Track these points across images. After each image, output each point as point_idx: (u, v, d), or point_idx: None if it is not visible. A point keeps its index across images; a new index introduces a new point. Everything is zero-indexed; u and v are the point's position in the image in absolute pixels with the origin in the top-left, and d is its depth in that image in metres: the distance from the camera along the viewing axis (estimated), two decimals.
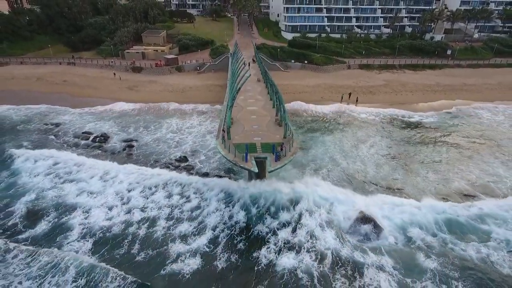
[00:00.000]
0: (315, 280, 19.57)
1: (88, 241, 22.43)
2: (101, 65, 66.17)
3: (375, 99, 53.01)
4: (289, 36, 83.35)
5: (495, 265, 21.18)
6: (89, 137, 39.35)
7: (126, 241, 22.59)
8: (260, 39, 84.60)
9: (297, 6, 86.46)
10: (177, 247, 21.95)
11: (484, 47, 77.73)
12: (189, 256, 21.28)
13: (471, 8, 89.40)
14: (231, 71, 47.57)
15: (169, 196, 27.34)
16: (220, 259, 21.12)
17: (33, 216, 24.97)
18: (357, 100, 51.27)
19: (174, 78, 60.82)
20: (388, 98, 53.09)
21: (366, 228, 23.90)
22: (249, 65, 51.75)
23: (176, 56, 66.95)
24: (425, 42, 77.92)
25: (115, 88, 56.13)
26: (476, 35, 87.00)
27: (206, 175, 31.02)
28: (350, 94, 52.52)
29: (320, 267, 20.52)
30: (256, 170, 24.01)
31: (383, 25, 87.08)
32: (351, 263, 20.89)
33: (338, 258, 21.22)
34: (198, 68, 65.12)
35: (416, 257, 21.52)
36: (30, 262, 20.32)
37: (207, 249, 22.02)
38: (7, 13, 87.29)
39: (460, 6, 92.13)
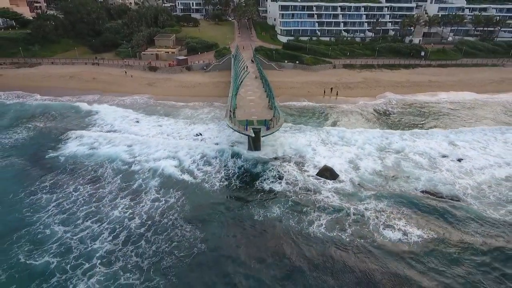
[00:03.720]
0: (293, 195, 32.83)
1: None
2: (121, 65, 79.31)
3: (352, 93, 66.24)
4: (284, 39, 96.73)
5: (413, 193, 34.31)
6: (125, 120, 51.93)
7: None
8: (258, 41, 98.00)
9: (291, 12, 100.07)
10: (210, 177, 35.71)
11: (454, 49, 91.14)
12: (217, 180, 35.10)
13: (447, 14, 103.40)
14: (234, 70, 60.95)
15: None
16: (234, 183, 34.85)
17: None
18: (337, 94, 64.56)
19: (185, 76, 74.11)
20: (362, 92, 66.34)
21: (327, 174, 37.07)
22: (246, 68, 64.56)
23: (186, 57, 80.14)
24: (402, 44, 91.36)
25: (137, 84, 69.25)
26: (450, 38, 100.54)
27: (217, 144, 44.12)
28: (331, 89, 65.74)
29: (297, 192, 33.51)
30: (253, 135, 37.18)
31: (367, 29, 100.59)
32: (314, 190, 33.85)
33: (307, 188, 34.14)
34: (205, 67, 78.35)
35: (358, 190, 34.28)
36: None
37: (225, 179, 35.54)
38: (31, 18, 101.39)
39: (438, 11, 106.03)
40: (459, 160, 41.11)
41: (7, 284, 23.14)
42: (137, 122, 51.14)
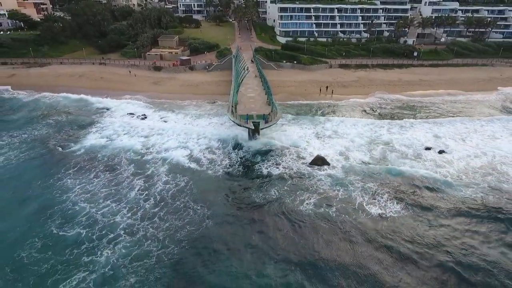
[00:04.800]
0: (288, 179, 37.31)
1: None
2: (127, 65, 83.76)
3: (346, 91, 70.72)
4: (283, 40, 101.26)
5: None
6: (133, 116, 56.74)
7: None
8: (258, 42, 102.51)
9: (289, 14, 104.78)
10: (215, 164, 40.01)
11: (446, 49, 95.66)
12: (221, 167, 39.57)
13: (440, 15, 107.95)
14: (235, 69, 65.50)
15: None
16: (236, 170, 39.33)
17: None
18: (332, 92, 69.05)
19: (188, 75, 78.62)
20: (356, 90, 70.86)
21: (319, 163, 41.52)
22: (246, 68, 68.95)
23: (189, 57, 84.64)
24: (396, 45, 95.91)
25: (143, 83, 73.71)
26: (443, 39, 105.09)
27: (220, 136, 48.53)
28: (327, 87, 70.16)
29: (292, 176, 38.01)
30: (253, 127, 41.73)
31: (363, 30, 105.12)
32: (308, 175, 38.36)
33: (301, 174, 38.58)
34: (207, 67, 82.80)
35: (346, 175, 38.74)
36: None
37: (229, 166, 40.06)
38: (38, 19, 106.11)
39: (431, 13, 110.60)
40: (440, 152, 45.38)
41: (43, 251, 27.49)
42: (146, 117, 55.56)
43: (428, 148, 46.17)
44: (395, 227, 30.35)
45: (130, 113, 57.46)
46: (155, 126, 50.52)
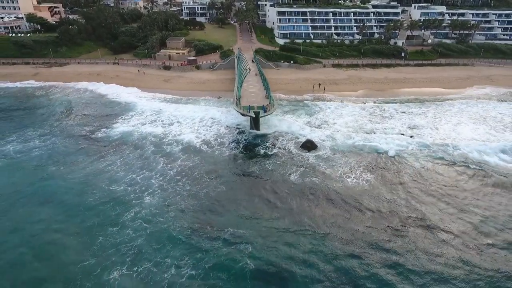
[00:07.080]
0: (282, 157, 48.19)
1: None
2: (139, 64, 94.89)
3: (337, 88, 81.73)
4: (281, 41, 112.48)
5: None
6: (151, 108, 67.71)
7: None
8: (258, 44, 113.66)
9: (287, 17, 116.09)
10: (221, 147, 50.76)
11: (432, 50, 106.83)
12: (227, 148, 50.18)
13: (428, 18, 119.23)
14: (238, 68, 76.61)
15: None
16: (240, 151, 50.03)
17: None
18: (324, 89, 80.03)
19: (195, 74, 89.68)
20: (346, 87, 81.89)
21: (309, 145, 52.41)
22: (248, 70, 79.98)
23: (195, 58, 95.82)
24: (385, 46, 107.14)
25: (155, 81, 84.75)
26: (430, 41, 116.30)
27: (226, 124, 59.52)
28: (319, 84, 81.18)
29: (285, 155, 48.89)
30: (254, 116, 52.64)
31: (355, 33, 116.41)
32: (298, 154, 49.17)
33: (293, 153, 49.40)
34: (211, 67, 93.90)
35: (331, 154, 49.53)
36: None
37: (234, 147, 50.85)
38: (53, 22, 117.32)
39: (420, 16, 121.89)
40: (411, 136, 56.30)
41: (103, 198, 38.00)
42: (161, 110, 66.48)
43: (401, 134, 57.16)
44: (365, 190, 41.16)
45: (147, 106, 68.41)
46: (172, 116, 61.44)
